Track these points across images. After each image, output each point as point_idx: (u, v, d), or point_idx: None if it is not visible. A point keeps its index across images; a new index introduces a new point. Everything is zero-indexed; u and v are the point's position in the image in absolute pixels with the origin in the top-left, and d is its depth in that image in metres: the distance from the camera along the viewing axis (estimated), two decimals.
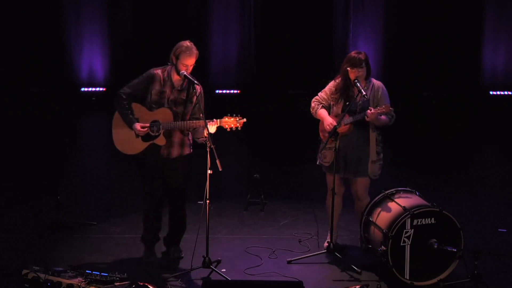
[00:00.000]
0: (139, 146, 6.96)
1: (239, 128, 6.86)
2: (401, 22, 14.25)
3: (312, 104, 7.29)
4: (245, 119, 6.88)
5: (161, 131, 6.88)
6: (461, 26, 14.25)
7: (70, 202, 8.56)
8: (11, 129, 12.59)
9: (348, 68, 7.05)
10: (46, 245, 7.60)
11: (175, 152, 6.99)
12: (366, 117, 6.97)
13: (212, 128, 6.76)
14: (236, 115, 6.85)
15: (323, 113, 7.21)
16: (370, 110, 6.97)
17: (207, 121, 6.72)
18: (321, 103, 7.25)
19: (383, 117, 7.04)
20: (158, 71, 6.95)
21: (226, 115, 6.84)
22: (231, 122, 6.82)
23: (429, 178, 9.92)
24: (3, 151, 11.24)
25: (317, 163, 7.37)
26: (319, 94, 7.32)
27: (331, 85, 7.27)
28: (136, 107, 6.96)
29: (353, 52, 7.15)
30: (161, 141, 6.92)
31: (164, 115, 6.89)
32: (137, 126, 6.89)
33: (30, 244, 7.62)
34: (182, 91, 6.93)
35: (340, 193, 7.36)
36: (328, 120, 7.11)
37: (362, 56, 7.04)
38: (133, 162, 7.38)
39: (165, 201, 7.22)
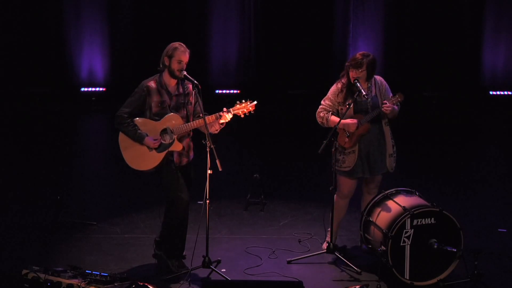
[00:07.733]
0: (156, 158, 6.76)
1: (252, 112, 6.80)
2: (401, 22, 14.25)
3: (321, 114, 7.10)
4: (255, 101, 6.82)
5: (175, 137, 6.76)
6: (461, 26, 14.25)
7: (70, 202, 8.55)
8: (11, 129, 12.58)
9: (350, 67, 7.05)
10: (46, 245, 7.59)
11: (185, 159, 6.90)
12: (384, 110, 6.95)
13: (228, 116, 6.71)
14: (246, 100, 6.81)
15: (336, 119, 7.05)
16: (386, 103, 6.98)
17: (221, 113, 6.70)
18: (329, 111, 7.11)
19: (396, 107, 7.06)
20: (151, 83, 6.77)
21: (236, 103, 6.78)
22: (243, 108, 6.78)
23: (429, 178, 9.92)
24: (3, 151, 11.23)
25: (332, 170, 7.14)
26: (322, 102, 7.16)
27: (334, 90, 7.15)
28: (140, 121, 6.78)
29: (358, 53, 7.06)
30: (177, 146, 6.77)
31: (173, 120, 6.76)
32: (149, 140, 6.72)
33: (30, 244, 7.62)
34: (179, 95, 6.86)
35: (350, 196, 7.33)
36: (347, 121, 6.99)
37: (363, 61, 6.98)
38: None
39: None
